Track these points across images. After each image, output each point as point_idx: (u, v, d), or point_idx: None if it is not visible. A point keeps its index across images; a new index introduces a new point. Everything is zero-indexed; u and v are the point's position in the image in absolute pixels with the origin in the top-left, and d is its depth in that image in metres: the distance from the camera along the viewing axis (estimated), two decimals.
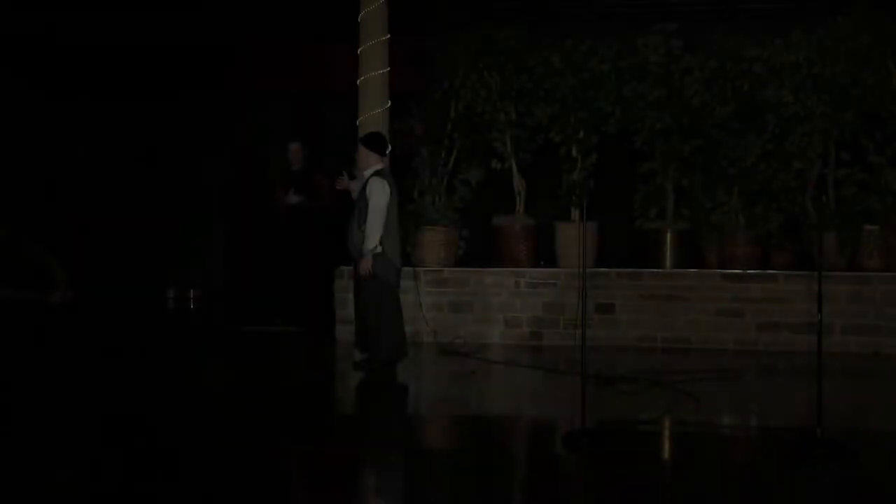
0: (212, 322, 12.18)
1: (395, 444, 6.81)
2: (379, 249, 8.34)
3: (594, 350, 9.35)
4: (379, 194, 8.31)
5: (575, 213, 10.50)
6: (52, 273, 9.12)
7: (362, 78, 10.32)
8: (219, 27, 13.46)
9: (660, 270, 10.14)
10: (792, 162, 10.15)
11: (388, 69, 10.38)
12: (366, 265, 8.34)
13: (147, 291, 14.10)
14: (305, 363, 9.62)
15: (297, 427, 7.08)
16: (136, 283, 13.81)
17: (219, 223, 14.33)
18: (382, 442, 6.88)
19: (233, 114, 14.26)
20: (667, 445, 6.65)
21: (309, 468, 6.14)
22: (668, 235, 10.29)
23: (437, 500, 5.50)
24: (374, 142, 8.74)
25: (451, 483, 5.82)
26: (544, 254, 10.69)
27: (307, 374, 9.11)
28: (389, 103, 10.41)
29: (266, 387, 8.53)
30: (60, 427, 6.87)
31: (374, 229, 8.28)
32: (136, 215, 14.12)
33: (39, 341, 8.98)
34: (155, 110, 14.25)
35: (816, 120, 9.98)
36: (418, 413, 7.82)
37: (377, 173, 8.50)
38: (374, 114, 10.25)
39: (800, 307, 9.71)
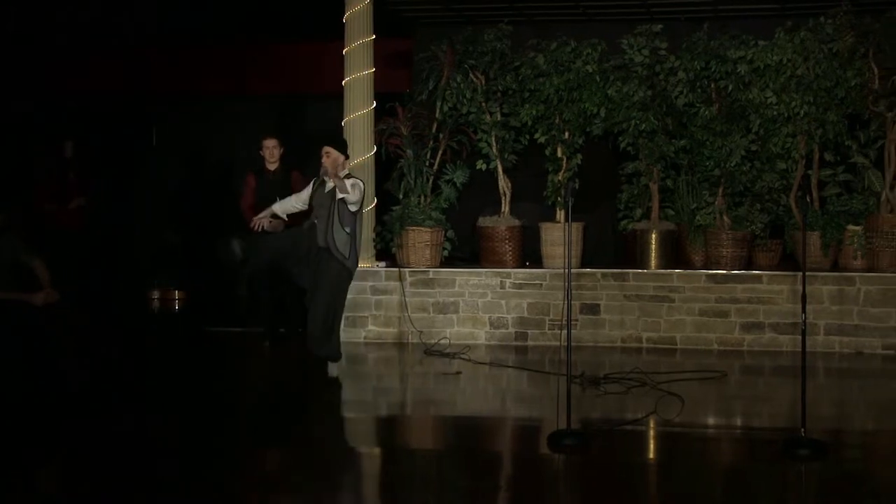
0: (194, 323, 12.13)
1: (379, 444, 6.81)
2: (354, 208, 8.35)
3: (579, 350, 9.39)
4: (360, 189, 8.44)
5: (560, 214, 10.52)
6: (36, 273, 9.07)
7: (347, 79, 10.31)
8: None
9: (645, 271, 10.15)
10: (776, 163, 10.19)
11: (374, 70, 10.38)
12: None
13: (131, 293, 14.07)
14: (287, 364, 9.60)
15: (279, 428, 7.07)
16: (119, 284, 13.79)
17: (205, 225, 14.31)
18: (366, 442, 6.88)
19: (215, 116, 14.27)
20: (651, 446, 6.66)
21: (292, 468, 6.13)
22: (653, 236, 10.31)
23: (421, 501, 5.50)
24: (343, 144, 8.78)
25: (435, 483, 5.82)
26: (529, 254, 10.71)
27: (288, 376, 9.09)
28: (374, 104, 10.41)
29: (251, 388, 8.54)
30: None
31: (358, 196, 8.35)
32: (120, 216, 14.13)
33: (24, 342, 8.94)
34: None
35: (800, 121, 10.02)
36: (403, 413, 7.81)
37: (350, 176, 8.55)
38: (359, 114, 10.24)
39: (784, 307, 9.76)
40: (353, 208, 8.43)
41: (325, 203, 8.57)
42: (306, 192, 8.79)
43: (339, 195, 8.39)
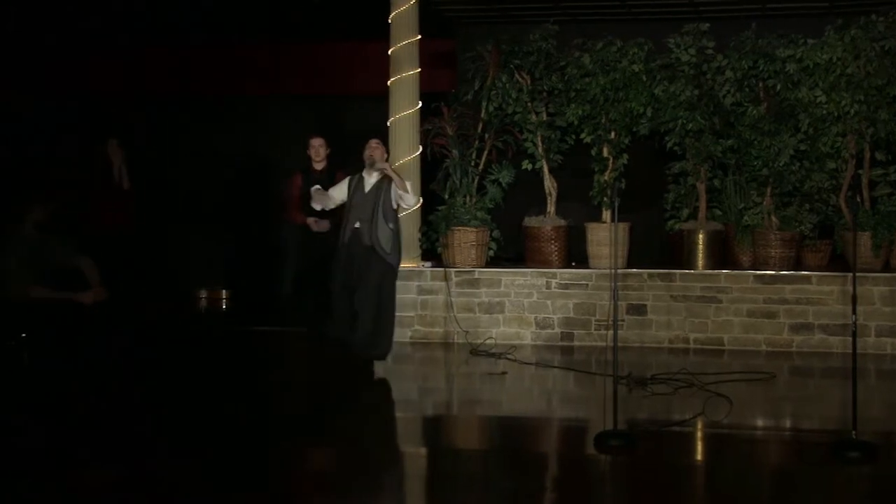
0: (241, 322, 12.20)
1: (424, 443, 6.81)
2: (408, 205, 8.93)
3: (625, 351, 9.34)
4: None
5: (606, 214, 10.48)
6: (84, 273, 9.17)
7: (393, 79, 10.33)
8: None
9: (691, 271, 10.08)
10: (825, 162, 10.08)
11: (419, 70, 10.39)
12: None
13: (178, 292, 14.17)
14: (332, 364, 9.63)
15: (324, 427, 7.10)
16: (167, 284, 13.90)
17: (250, 224, 14.39)
18: (412, 441, 6.88)
19: (258, 117, 14.34)
20: (699, 447, 6.61)
21: (338, 467, 6.15)
22: (700, 236, 10.24)
23: (467, 501, 5.49)
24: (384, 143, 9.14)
25: (481, 483, 5.81)
26: (575, 255, 10.67)
27: (333, 375, 9.12)
28: (420, 104, 10.42)
29: (296, 388, 8.58)
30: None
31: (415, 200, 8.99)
32: (167, 217, 14.24)
33: (72, 341, 9.04)
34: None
35: (850, 120, 9.90)
36: (449, 413, 7.81)
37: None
38: (404, 114, 10.26)
39: (833, 308, 9.65)
40: (408, 204, 8.83)
41: (368, 201, 8.66)
42: (342, 189, 8.85)
43: (399, 192, 8.66)
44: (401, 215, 9.19)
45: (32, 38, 13.60)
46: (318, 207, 9.06)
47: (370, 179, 8.80)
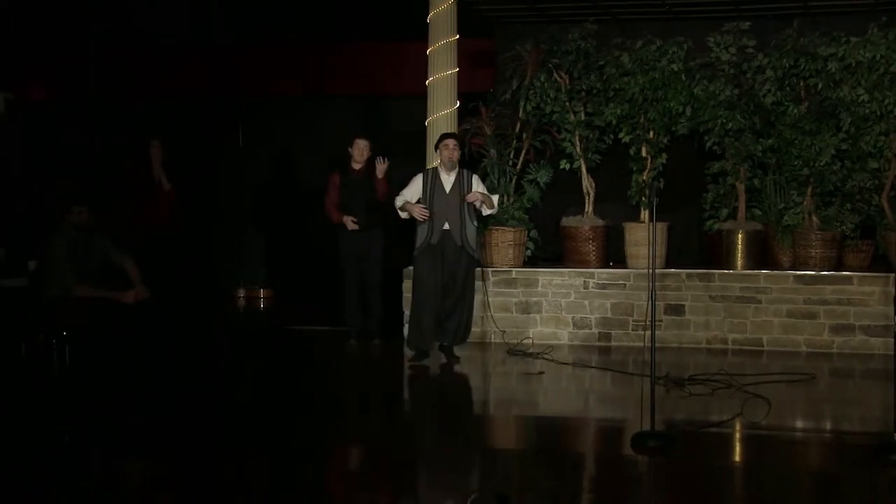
0: (280, 321, 12.26)
1: (461, 443, 6.82)
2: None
3: (663, 351, 9.29)
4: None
5: (644, 214, 10.43)
6: (126, 272, 9.25)
7: (431, 78, 10.34)
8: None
9: (730, 271, 10.02)
10: (867, 161, 9.98)
11: (457, 69, 10.39)
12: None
13: (217, 291, 14.27)
14: (371, 363, 9.67)
15: (361, 426, 7.12)
16: (206, 283, 13.99)
17: (289, 224, 14.47)
18: (448, 441, 6.89)
19: (299, 117, 14.41)
20: (737, 448, 6.56)
21: (375, 466, 6.17)
22: (740, 236, 10.17)
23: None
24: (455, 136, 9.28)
25: (517, 483, 5.80)
26: (613, 254, 10.64)
27: (371, 374, 9.16)
28: (458, 104, 10.43)
29: (334, 386, 8.61)
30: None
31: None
32: (208, 217, 14.33)
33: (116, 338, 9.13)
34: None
35: (893, 119, 9.80)
36: (486, 413, 7.82)
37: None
38: (442, 114, 10.27)
39: (875, 309, 9.55)
40: (491, 213, 9.18)
41: (454, 202, 8.78)
42: (418, 188, 8.91)
43: (487, 212, 9.05)
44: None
45: (73, 37, 13.76)
46: (414, 217, 9.02)
47: (448, 178, 8.92)
